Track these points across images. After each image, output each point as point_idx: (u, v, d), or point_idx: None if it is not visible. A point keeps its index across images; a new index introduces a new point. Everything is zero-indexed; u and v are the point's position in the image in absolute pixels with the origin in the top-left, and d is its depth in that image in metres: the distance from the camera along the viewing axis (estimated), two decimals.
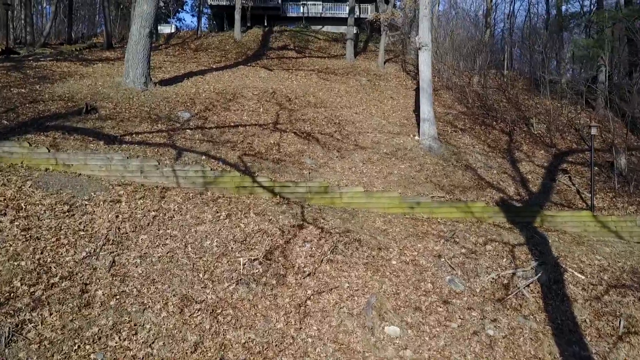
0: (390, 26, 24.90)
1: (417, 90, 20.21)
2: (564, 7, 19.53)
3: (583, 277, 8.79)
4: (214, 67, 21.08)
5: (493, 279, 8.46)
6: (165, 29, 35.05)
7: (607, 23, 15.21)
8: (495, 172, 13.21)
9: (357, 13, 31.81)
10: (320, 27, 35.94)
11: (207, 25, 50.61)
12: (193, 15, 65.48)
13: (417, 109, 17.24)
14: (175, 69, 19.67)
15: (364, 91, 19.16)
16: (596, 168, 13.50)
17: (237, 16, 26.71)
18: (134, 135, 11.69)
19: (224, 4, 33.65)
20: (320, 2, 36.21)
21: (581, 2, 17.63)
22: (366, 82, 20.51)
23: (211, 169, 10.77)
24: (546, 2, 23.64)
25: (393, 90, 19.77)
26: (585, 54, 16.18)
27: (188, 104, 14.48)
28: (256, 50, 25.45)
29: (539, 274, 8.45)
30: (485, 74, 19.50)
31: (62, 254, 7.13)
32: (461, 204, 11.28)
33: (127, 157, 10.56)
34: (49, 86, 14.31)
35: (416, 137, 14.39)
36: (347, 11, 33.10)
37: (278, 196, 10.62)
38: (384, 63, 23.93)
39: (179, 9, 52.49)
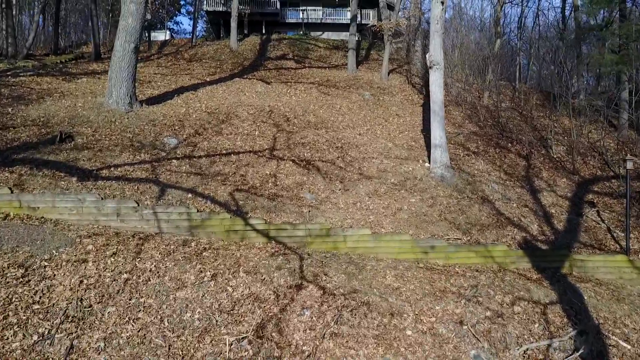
0: (394, 33, 23.60)
1: (424, 106, 18.98)
2: (584, 18, 18.26)
3: (629, 347, 7.52)
4: (208, 80, 19.84)
5: (525, 352, 7.19)
6: (160, 36, 33.85)
7: (634, 37, 13.94)
8: (514, 205, 11.94)
9: (359, 19, 30.53)
10: (320, 33, 34.71)
11: (205, 31, 49.40)
12: (191, 19, 64.24)
13: (425, 129, 15.99)
14: (166, 83, 18.42)
15: (368, 107, 17.89)
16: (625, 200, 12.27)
17: (233, 24, 25.45)
18: (112, 169, 10.41)
19: (221, 9, 32.42)
20: (321, 8, 34.97)
21: (595, 15, 16.24)
22: (369, 97, 19.24)
23: (197, 210, 9.50)
24: (562, 12, 22.35)
25: (398, 106, 18.50)
26: (608, 70, 14.97)
27: (176, 127, 13.20)
28: (253, 61, 24.19)
29: (581, 351, 7.18)
30: (498, 90, 18.21)
31: (8, 338, 5.85)
32: (480, 247, 10.01)
33: (102, 198, 9.28)
34: (23, 108, 13.04)
35: (426, 164, 13.12)
36: (348, 17, 31.83)
37: (273, 241, 9.35)
38: (388, 74, 22.67)
39: (177, 12, 51.29)
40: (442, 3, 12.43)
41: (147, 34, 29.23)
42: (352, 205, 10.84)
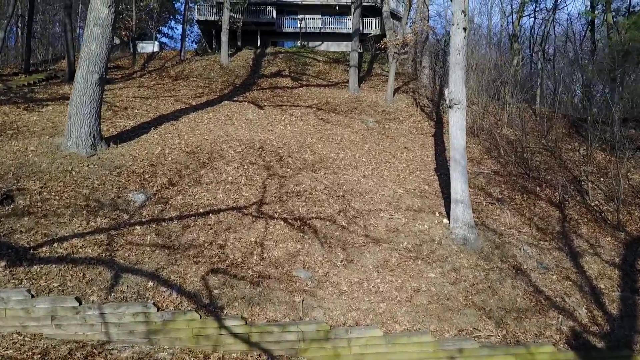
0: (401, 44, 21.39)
1: (436, 135, 16.83)
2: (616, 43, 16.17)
3: None
4: (194, 103, 17.73)
5: None
6: (148, 47, 31.71)
7: None
8: (554, 277, 9.81)
9: (361, 29, 28.40)
10: (320, 43, 32.61)
11: (199, 39, 47.20)
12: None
13: (438, 168, 13.89)
14: (145, 110, 16.28)
15: (372, 138, 15.77)
16: None
17: (224, 38, 23.30)
18: (55, 245, 8.28)
19: (213, 19, 30.36)
20: (320, 16, 32.84)
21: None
22: (374, 125, 17.12)
23: (158, 309, 7.36)
24: (591, 32, 20.04)
25: (407, 137, 16.37)
26: None
27: (147, 175, 11.08)
28: (245, 79, 22.05)
29: None
30: (522, 123, 16.06)
31: None
32: (520, 349, 7.87)
33: (33, 295, 7.15)
34: None
35: (444, 220, 11.00)
36: (349, 26, 29.62)
37: (256, 350, 7.23)
38: (394, 94, 20.54)
39: (171, 17, 49.13)
40: (465, 30, 10.31)
41: (132, 46, 27.10)
42: (357, 286, 8.71)
